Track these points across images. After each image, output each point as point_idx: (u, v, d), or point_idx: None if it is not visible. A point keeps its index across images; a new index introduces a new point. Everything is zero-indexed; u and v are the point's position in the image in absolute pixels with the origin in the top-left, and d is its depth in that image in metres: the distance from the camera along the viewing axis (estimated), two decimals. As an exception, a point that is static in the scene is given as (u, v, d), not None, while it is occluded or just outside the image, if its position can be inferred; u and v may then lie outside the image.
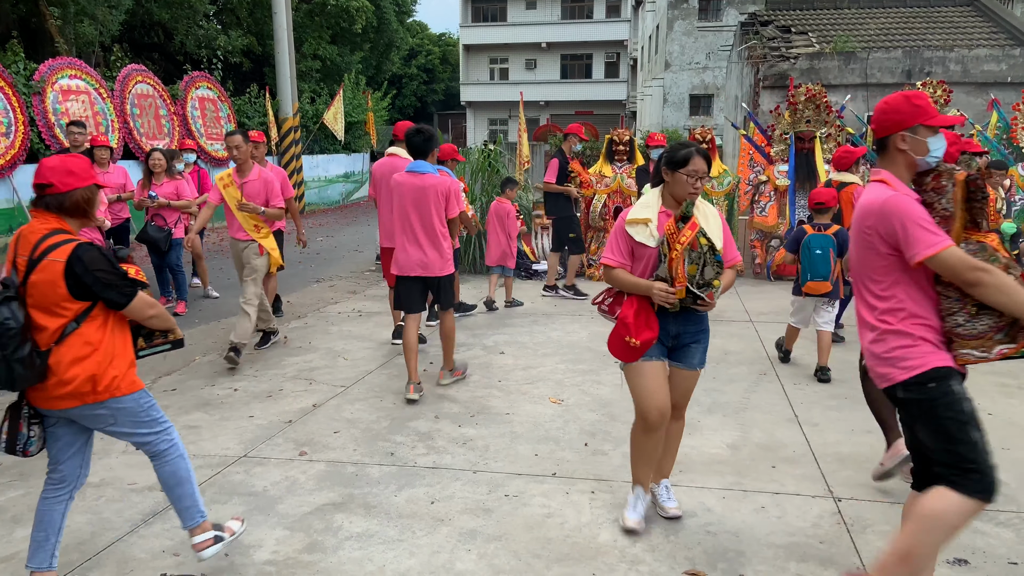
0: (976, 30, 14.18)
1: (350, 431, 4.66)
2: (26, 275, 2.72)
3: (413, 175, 5.20)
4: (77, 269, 2.70)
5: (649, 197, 3.35)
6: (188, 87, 15.14)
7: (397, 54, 31.87)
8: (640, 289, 3.23)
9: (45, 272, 2.70)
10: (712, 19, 27.54)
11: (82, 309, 2.76)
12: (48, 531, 2.96)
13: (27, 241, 2.77)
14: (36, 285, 2.71)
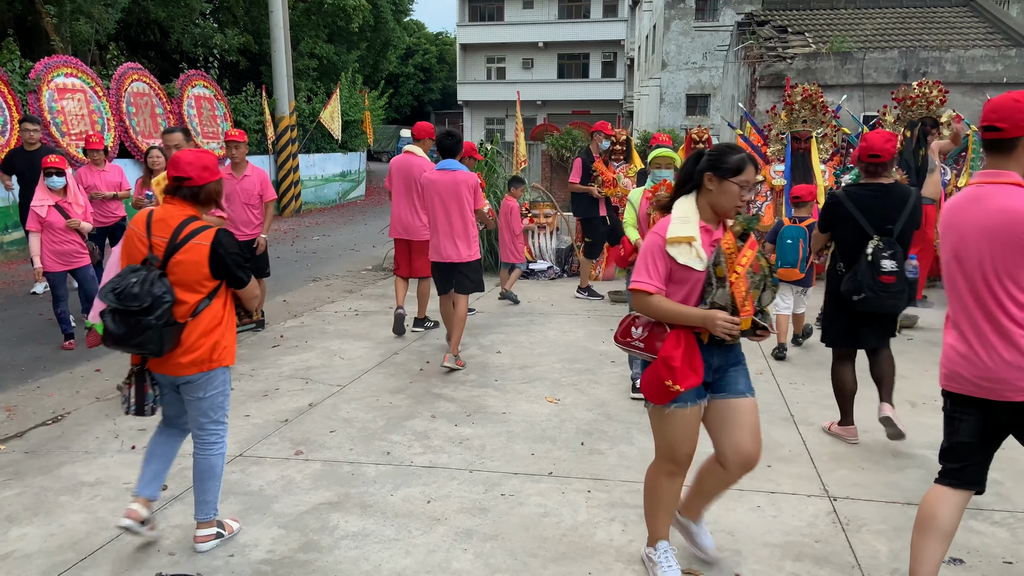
0: (972, 31, 14.21)
1: (346, 430, 4.66)
2: (167, 255, 3.03)
3: (444, 172, 5.77)
4: (220, 251, 3.07)
5: (685, 210, 2.76)
6: (184, 85, 15.10)
7: (394, 53, 31.83)
8: (693, 320, 2.68)
9: (191, 253, 3.03)
10: (709, 19, 27.57)
11: (214, 287, 3.12)
12: (166, 462, 3.40)
13: (166, 225, 3.07)
14: (181, 264, 3.03)
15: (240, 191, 6.73)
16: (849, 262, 4.21)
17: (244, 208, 6.75)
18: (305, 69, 22.87)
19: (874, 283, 4.03)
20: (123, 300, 2.94)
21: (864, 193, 4.23)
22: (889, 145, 4.19)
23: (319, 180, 20.30)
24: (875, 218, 4.14)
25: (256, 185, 6.81)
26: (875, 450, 4.28)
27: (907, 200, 4.18)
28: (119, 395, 3.45)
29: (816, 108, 9.23)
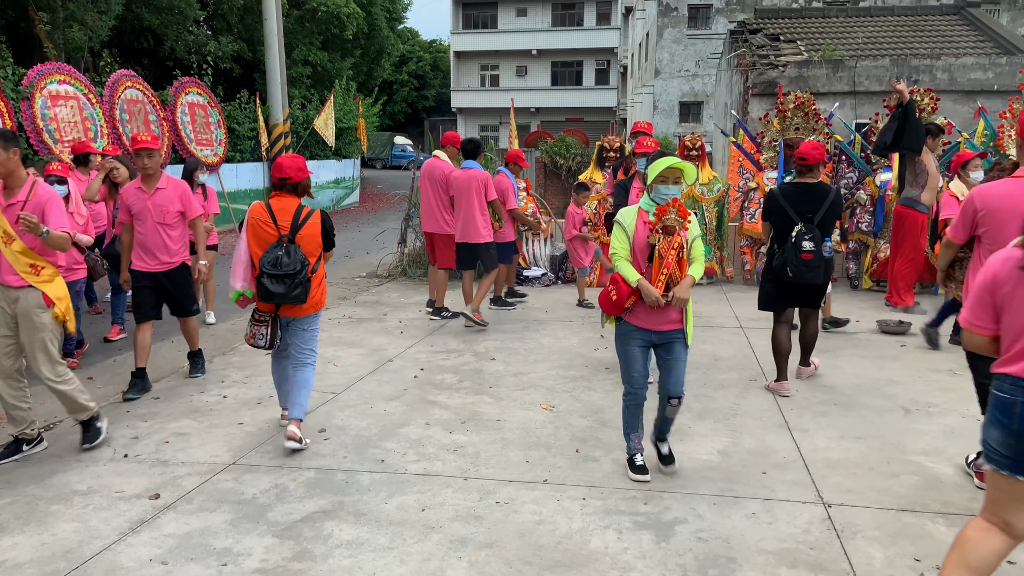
0: (963, 39, 14.32)
1: (340, 438, 4.64)
2: (293, 232, 4.34)
3: (464, 171, 7.27)
4: (327, 226, 4.48)
5: None
6: (178, 93, 15.07)
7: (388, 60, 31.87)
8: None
9: (310, 229, 4.38)
10: (701, 27, 27.71)
11: (321, 252, 4.47)
12: (288, 381, 4.61)
13: (286, 212, 4.37)
14: (304, 238, 4.37)
15: (152, 208, 5.42)
16: (780, 244, 5.28)
17: (158, 229, 5.42)
18: (299, 76, 22.88)
19: (797, 260, 5.12)
20: (280, 268, 4.24)
21: (793, 190, 5.33)
22: (816, 152, 5.21)
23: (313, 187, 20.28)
24: (800, 209, 5.22)
25: (173, 201, 5.47)
26: (869, 457, 4.28)
27: (827, 195, 5.24)
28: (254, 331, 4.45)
29: (809, 115, 9.26)
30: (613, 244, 3.89)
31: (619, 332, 3.95)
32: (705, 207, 9.59)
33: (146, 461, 4.31)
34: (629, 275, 3.78)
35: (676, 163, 3.78)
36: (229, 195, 16.36)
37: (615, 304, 3.81)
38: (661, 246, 3.77)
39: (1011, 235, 2.90)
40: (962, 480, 3.97)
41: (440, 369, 6.07)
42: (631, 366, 3.92)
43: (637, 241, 3.82)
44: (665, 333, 3.86)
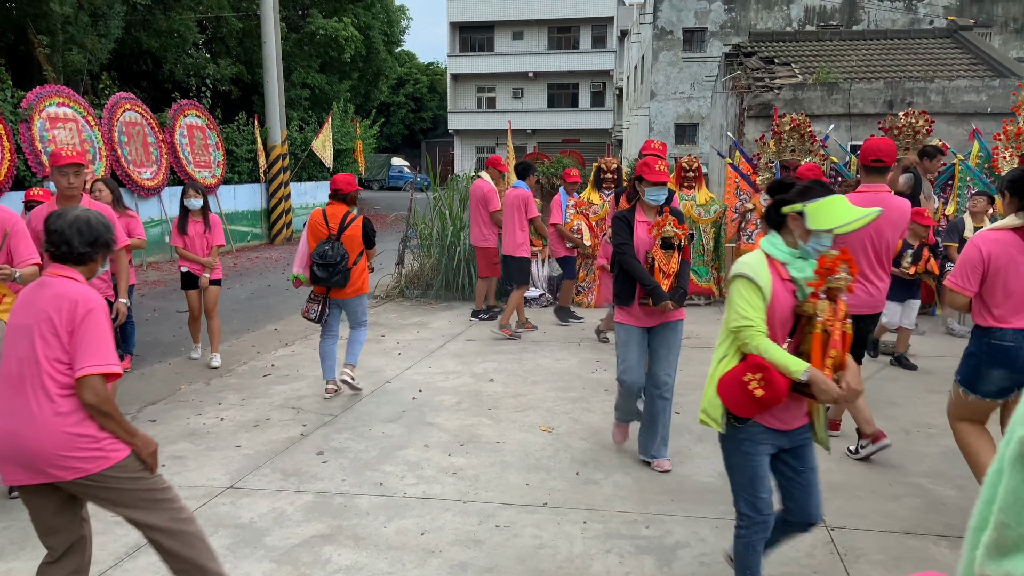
0: (956, 62, 14.46)
1: (338, 461, 4.61)
2: (340, 232, 5.57)
3: (511, 190, 7.96)
4: (367, 229, 5.67)
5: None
6: (176, 115, 15.14)
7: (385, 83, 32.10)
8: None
9: (353, 231, 5.60)
10: (696, 50, 27.96)
11: (362, 248, 5.66)
12: (330, 359, 5.86)
13: (335, 216, 5.61)
14: (348, 237, 5.58)
15: None
16: None
17: None
18: (297, 98, 23.02)
19: None
20: (325, 259, 5.47)
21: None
22: (811, 174, 5.38)
23: (310, 208, 20.31)
24: None
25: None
26: (872, 479, 4.26)
27: None
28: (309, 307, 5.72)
29: (804, 137, 9.33)
30: (741, 309, 2.64)
31: (738, 439, 2.74)
32: (702, 228, 9.61)
33: (142, 485, 4.26)
34: (791, 363, 2.56)
35: (865, 215, 2.59)
36: (227, 216, 16.37)
37: (760, 403, 2.59)
38: (826, 317, 2.60)
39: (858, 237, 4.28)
40: (965, 503, 3.94)
41: (438, 391, 6.05)
42: (759, 484, 2.74)
43: (778, 307, 2.65)
44: (797, 433, 2.77)
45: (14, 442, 2.46)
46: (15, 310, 2.58)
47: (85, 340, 2.47)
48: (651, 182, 4.24)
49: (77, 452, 2.47)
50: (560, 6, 42.10)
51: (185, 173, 15.04)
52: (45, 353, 2.48)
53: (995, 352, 3.54)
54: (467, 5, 43.08)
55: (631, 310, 4.30)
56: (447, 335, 8.00)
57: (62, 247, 2.59)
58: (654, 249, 4.21)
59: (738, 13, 27.38)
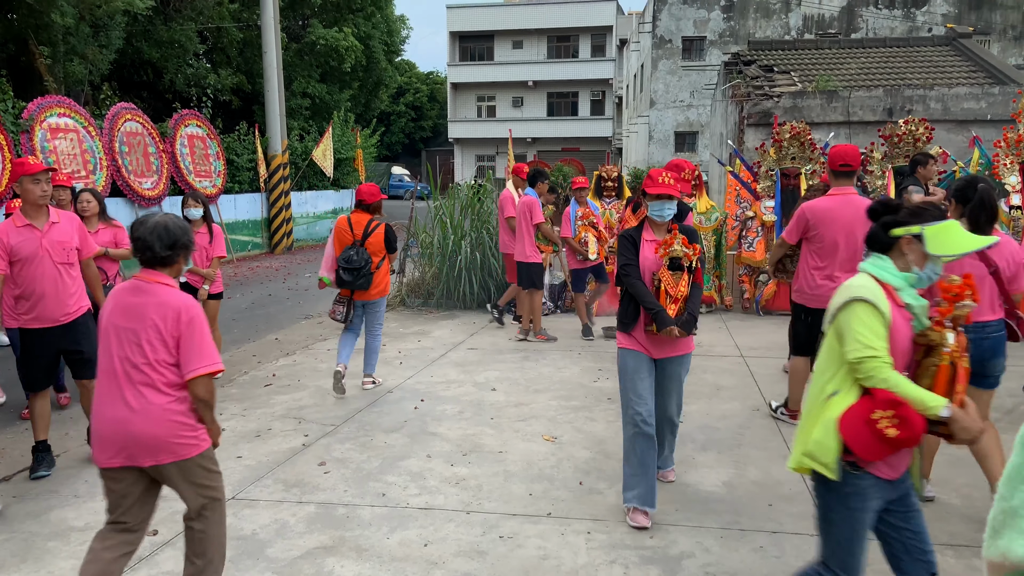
0: (955, 69, 14.50)
1: (340, 471, 4.59)
2: (364, 238, 6.00)
3: (523, 197, 8.06)
4: (389, 235, 6.10)
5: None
6: (177, 125, 15.17)
7: (386, 92, 32.13)
8: None
9: (376, 237, 6.04)
10: (695, 59, 28.05)
11: (384, 253, 6.10)
12: (350, 348, 6.27)
13: (360, 224, 6.05)
14: (371, 243, 6.02)
15: (51, 248, 4.46)
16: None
17: (59, 273, 4.49)
18: (298, 108, 23.06)
19: None
20: (350, 263, 5.89)
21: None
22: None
23: (311, 217, 20.35)
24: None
25: (71, 235, 4.59)
26: (875, 487, 4.24)
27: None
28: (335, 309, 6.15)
29: (804, 145, 9.34)
30: (864, 337, 2.37)
31: (844, 492, 2.42)
32: (703, 236, 9.61)
33: (144, 496, 4.24)
34: (927, 398, 2.30)
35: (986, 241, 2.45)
36: (227, 226, 16.39)
37: (893, 443, 2.31)
38: (953, 349, 2.38)
39: (832, 237, 4.82)
40: (970, 511, 3.92)
41: (440, 400, 6.03)
42: (858, 546, 2.46)
43: (898, 337, 2.42)
44: (902, 480, 2.50)
45: (122, 429, 2.77)
46: (112, 310, 2.86)
47: (193, 345, 2.80)
48: (652, 195, 3.86)
49: (180, 439, 2.83)
50: (559, 15, 42.28)
51: (186, 183, 15.05)
52: (154, 357, 2.79)
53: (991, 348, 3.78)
54: (467, 15, 43.26)
55: (636, 336, 3.90)
56: (449, 344, 7.99)
57: (146, 252, 2.86)
58: (661, 270, 3.85)
59: (737, 22, 27.48)
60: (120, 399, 2.78)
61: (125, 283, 2.93)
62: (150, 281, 2.86)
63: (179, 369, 2.81)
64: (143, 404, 2.77)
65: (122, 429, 2.77)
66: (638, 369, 3.84)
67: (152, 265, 2.87)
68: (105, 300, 3.13)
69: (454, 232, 10.15)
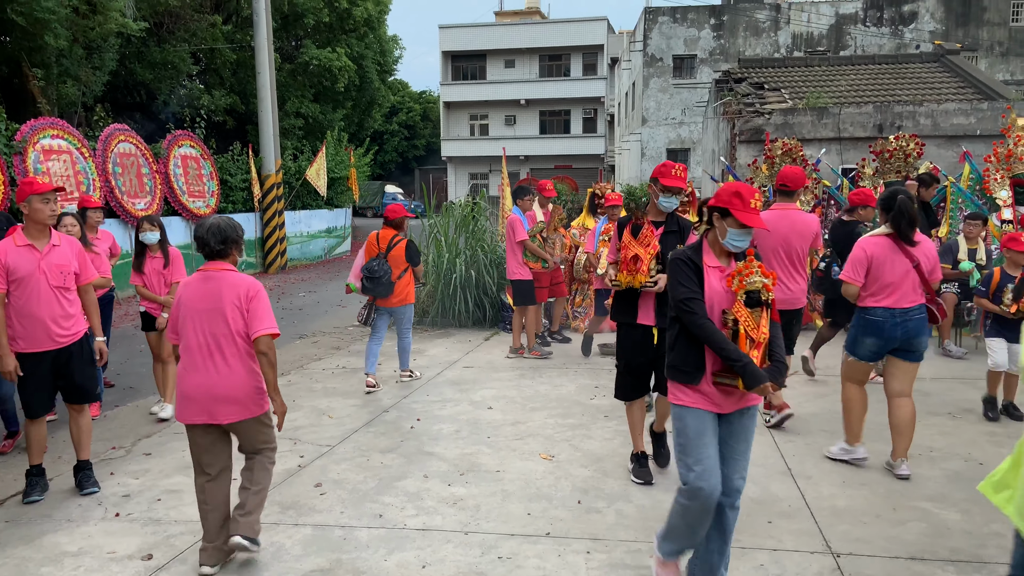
0: (944, 85, 14.64)
1: (337, 492, 4.55)
2: (387, 251, 6.78)
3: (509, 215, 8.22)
4: (409, 250, 6.81)
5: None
6: (171, 145, 15.19)
7: (379, 111, 32.27)
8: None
9: (397, 251, 6.78)
10: (686, 76, 28.29)
11: (406, 265, 6.80)
12: (372, 357, 6.95)
13: (385, 239, 6.84)
14: (392, 256, 6.77)
15: (48, 270, 4.43)
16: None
17: (56, 296, 4.45)
18: (291, 127, 23.12)
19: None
20: (372, 273, 6.69)
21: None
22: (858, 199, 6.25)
23: (305, 236, 20.33)
24: None
25: (70, 259, 4.55)
26: (875, 503, 4.23)
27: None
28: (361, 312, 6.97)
29: (796, 161, 9.41)
30: None
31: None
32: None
33: (138, 520, 4.20)
34: None
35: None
36: (221, 246, 16.35)
37: None
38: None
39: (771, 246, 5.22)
40: (970, 526, 3.91)
41: (437, 419, 6.00)
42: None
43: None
44: None
45: (208, 391, 3.48)
46: (189, 298, 3.56)
47: (258, 312, 3.53)
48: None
49: (254, 399, 3.57)
50: (551, 35, 42.63)
51: (180, 203, 15.04)
52: (237, 329, 3.51)
53: (868, 324, 4.61)
54: (459, 35, 43.57)
55: (700, 389, 3.14)
56: (444, 363, 7.96)
57: (205, 248, 3.58)
58: (735, 307, 3.07)
59: (726, 40, 27.75)
60: (206, 367, 3.49)
61: (194, 275, 3.62)
62: (216, 270, 3.58)
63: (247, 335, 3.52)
64: (226, 370, 3.50)
65: (207, 391, 3.48)
66: (703, 432, 3.10)
67: (212, 257, 3.60)
68: (177, 290, 3.72)
69: (449, 250, 10.16)
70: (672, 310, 3.20)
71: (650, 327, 4.49)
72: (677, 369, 3.18)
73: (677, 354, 3.18)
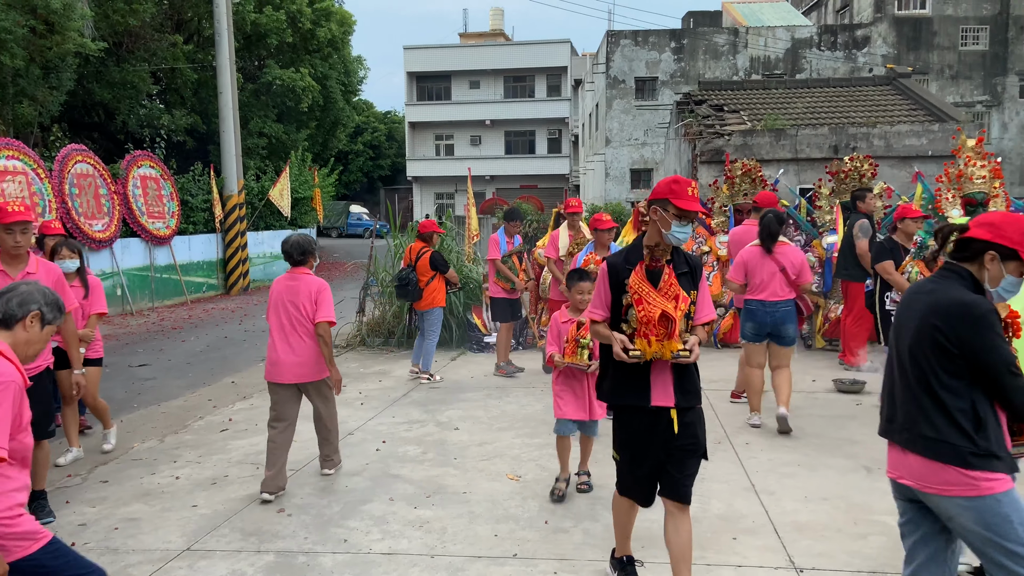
0: (896, 107, 15.11)
1: (300, 517, 4.47)
2: (415, 261, 7.76)
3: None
4: (433, 259, 7.69)
5: None
6: (130, 166, 14.95)
7: (343, 131, 32.16)
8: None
9: (423, 262, 7.70)
10: (648, 98, 28.76)
11: (433, 273, 7.71)
12: (417, 348, 8.04)
13: (414, 251, 7.87)
14: (419, 266, 7.71)
15: None
16: None
17: None
18: (254, 147, 22.93)
19: None
20: (400, 281, 7.74)
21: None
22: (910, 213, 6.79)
23: (267, 257, 20.13)
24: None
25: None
26: (837, 518, 4.29)
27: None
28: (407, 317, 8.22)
29: (755, 181, 9.59)
30: None
31: None
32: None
33: (95, 550, 4.08)
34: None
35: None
36: (181, 267, 16.11)
37: None
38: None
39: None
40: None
41: (403, 441, 5.95)
42: None
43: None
44: None
45: (288, 359, 4.80)
46: (281, 292, 4.87)
47: (322, 305, 4.80)
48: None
49: (316, 367, 4.86)
50: (515, 56, 43.06)
51: (139, 224, 14.79)
52: (308, 315, 4.78)
53: (747, 312, 6.12)
54: (424, 56, 43.76)
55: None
56: (410, 384, 7.91)
57: (290, 258, 4.90)
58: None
59: (687, 63, 28.29)
60: (287, 343, 4.79)
61: (284, 275, 4.94)
62: (298, 274, 4.88)
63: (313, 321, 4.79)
64: (300, 345, 4.79)
65: (288, 359, 4.78)
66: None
67: (295, 265, 4.89)
68: (273, 284, 4.96)
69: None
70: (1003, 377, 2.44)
71: (668, 409, 3.22)
72: (994, 456, 2.46)
73: (991, 437, 2.47)
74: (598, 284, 3.36)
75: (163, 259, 15.66)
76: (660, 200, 3.15)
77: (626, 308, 3.19)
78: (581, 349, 4.47)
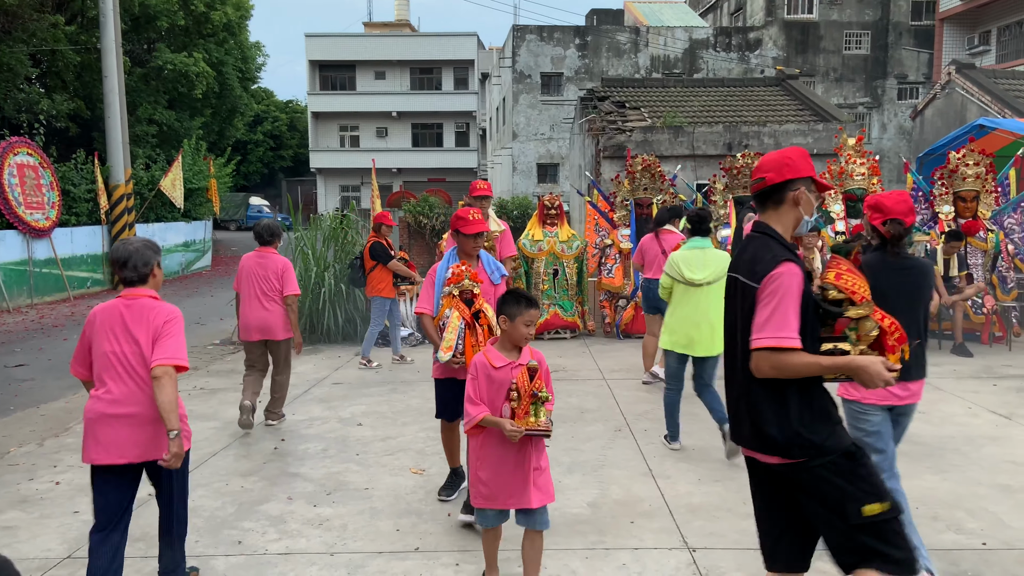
0: (785, 107, 15.86)
1: (192, 520, 4.27)
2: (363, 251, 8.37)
3: None
4: (372, 249, 8.13)
5: None
6: (5, 153, 13.92)
7: (241, 120, 30.99)
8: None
9: (367, 251, 8.21)
10: (553, 94, 29.08)
11: (374, 263, 8.12)
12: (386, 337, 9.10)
13: (369, 240, 8.32)
14: (365, 254, 8.24)
15: None
16: None
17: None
18: (144, 135, 21.79)
19: None
20: (351, 266, 8.71)
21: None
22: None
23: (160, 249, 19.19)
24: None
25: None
26: (727, 499, 4.48)
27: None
28: None
29: (655, 177, 9.87)
30: None
31: None
32: (566, 263, 9.90)
33: (-41, 565, 3.79)
34: None
35: None
36: (63, 261, 15.16)
37: None
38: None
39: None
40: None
41: (302, 439, 5.80)
42: None
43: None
44: None
45: (258, 322, 5.86)
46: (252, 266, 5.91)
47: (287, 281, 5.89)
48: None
49: (283, 328, 5.92)
50: (422, 48, 42.61)
51: (15, 215, 13.82)
52: (276, 286, 5.86)
53: (644, 289, 7.21)
54: (326, 44, 42.69)
55: None
56: (312, 380, 7.73)
57: (259, 240, 5.99)
58: None
59: (591, 60, 28.77)
60: (259, 307, 5.83)
61: (252, 253, 5.95)
62: (266, 252, 5.91)
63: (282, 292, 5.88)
64: (271, 307, 5.85)
65: (258, 322, 5.85)
66: None
67: (264, 244, 5.92)
68: (243, 259, 5.96)
69: (317, 264, 9.90)
70: None
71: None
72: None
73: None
74: (785, 301, 2.33)
75: (43, 252, 14.68)
76: (803, 179, 2.49)
77: (836, 321, 2.43)
78: (537, 406, 3.08)
